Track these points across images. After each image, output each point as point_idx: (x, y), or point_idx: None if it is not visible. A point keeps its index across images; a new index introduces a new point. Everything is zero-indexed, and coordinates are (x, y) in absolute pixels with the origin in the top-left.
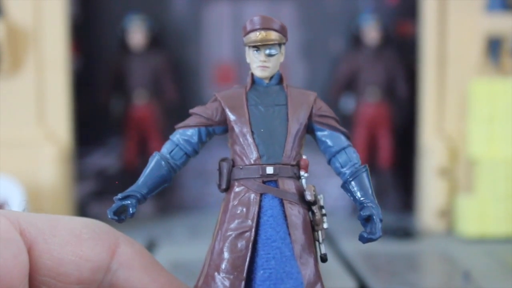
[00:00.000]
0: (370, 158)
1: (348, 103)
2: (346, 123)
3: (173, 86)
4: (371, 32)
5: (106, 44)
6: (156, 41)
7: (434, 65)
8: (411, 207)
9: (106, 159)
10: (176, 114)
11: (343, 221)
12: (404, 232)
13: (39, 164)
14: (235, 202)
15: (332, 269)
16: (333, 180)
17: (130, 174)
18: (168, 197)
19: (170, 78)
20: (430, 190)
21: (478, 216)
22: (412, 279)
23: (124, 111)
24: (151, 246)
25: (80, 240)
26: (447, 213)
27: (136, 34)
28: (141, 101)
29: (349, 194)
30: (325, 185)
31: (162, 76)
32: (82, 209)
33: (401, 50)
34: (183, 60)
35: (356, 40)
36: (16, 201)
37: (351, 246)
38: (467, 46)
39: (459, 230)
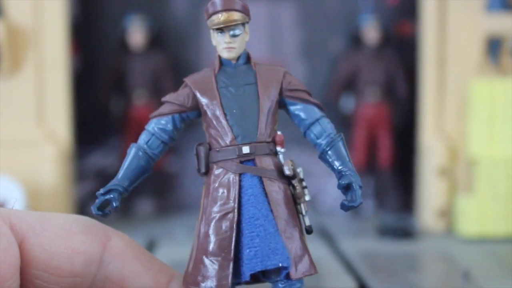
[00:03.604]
0: (370, 158)
1: (348, 103)
2: (346, 123)
3: (173, 86)
4: (371, 32)
5: (106, 44)
6: (156, 41)
7: (434, 65)
8: (411, 207)
9: (106, 159)
10: None
11: (343, 221)
12: (404, 232)
13: (39, 164)
14: (216, 185)
15: (332, 269)
16: (333, 180)
17: None
18: (168, 197)
19: (170, 78)
20: (430, 190)
21: (478, 216)
22: (412, 279)
23: (124, 111)
24: (151, 246)
25: (71, 233)
26: (447, 213)
27: (136, 34)
28: (141, 101)
29: (327, 165)
30: (325, 185)
31: (162, 76)
32: (82, 209)
33: (401, 50)
34: (183, 60)
35: (356, 40)
36: (15, 201)
37: (351, 246)
38: (467, 46)
39: (459, 230)
